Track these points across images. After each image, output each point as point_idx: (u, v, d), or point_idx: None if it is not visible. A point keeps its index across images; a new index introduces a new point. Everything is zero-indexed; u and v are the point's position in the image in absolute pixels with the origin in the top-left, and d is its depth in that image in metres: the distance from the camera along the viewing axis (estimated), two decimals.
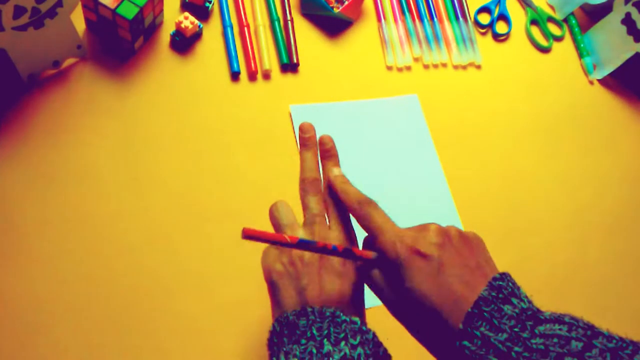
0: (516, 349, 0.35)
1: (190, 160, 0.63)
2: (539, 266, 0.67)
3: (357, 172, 0.65)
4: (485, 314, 0.36)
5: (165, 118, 0.64)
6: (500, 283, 0.38)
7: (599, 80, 0.83)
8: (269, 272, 0.44)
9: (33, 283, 0.54)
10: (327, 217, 0.47)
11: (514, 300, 0.37)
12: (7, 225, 0.55)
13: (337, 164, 0.49)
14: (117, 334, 0.54)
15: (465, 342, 0.36)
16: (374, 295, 0.43)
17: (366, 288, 0.44)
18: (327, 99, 0.71)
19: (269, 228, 0.61)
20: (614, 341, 0.35)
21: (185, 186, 0.62)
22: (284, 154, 0.66)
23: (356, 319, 0.40)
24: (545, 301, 0.65)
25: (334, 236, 0.45)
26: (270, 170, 0.65)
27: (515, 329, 0.36)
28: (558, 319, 0.37)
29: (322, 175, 0.49)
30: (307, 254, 0.43)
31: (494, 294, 0.37)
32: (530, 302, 0.39)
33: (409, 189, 0.68)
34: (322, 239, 0.44)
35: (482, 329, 0.36)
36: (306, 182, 0.48)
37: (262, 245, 0.44)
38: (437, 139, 0.72)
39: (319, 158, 0.49)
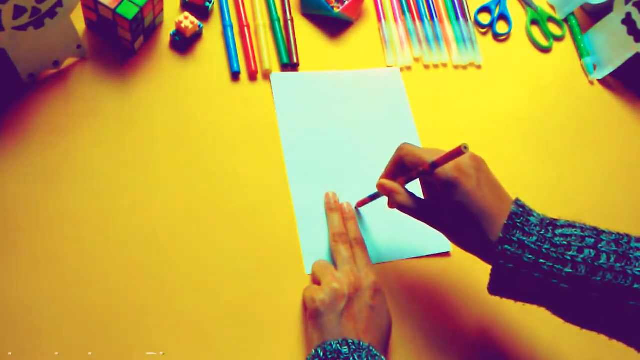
0: (545, 246, 0.46)
1: (191, 160, 0.63)
2: None
3: (335, 141, 0.69)
4: (518, 224, 0.47)
5: (166, 118, 0.64)
6: (520, 202, 0.50)
7: (599, 81, 0.83)
8: (313, 300, 0.53)
9: (33, 283, 0.54)
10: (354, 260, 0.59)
11: (534, 213, 0.50)
12: (7, 225, 0.56)
13: (356, 223, 0.62)
14: (118, 333, 0.54)
15: (506, 246, 0.47)
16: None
17: None
18: None
19: (268, 227, 0.61)
20: (614, 236, 0.48)
21: (185, 186, 0.62)
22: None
23: (383, 357, 0.49)
24: None
25: (363, 274, 0.57)
26: (270, 169, 0.65)
27: (542, 232, 0.47)
28: (571, 224, 0.49)
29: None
30: (344, 290, 0.53)
31: (520, 210, 0.48)
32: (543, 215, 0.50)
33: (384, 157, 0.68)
34: (354, 275, 0.56)
35: (517, 235, 0.47)
36: (336, 235, 0.60)
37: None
38: (437, 139, 0.72)
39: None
